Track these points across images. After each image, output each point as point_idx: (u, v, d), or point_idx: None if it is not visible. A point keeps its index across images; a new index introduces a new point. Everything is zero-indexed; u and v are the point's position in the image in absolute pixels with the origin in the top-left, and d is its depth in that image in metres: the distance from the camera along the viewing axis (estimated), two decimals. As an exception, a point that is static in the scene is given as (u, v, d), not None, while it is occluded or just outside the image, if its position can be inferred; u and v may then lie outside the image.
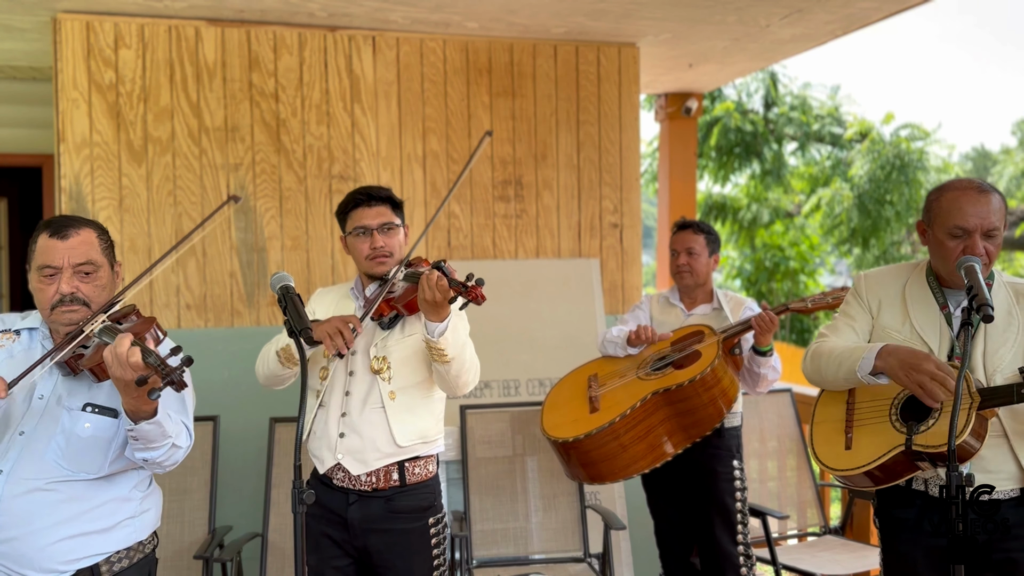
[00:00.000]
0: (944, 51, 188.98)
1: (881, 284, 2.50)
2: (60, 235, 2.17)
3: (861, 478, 2.33)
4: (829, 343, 2.50)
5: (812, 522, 4.21)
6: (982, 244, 2.28)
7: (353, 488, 2.60)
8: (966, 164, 24.17)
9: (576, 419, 3.26)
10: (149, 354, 1.92)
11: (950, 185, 2.36)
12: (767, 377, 3.38)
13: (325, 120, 4.21)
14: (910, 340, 2.37)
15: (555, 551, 3.76)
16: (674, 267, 3.57)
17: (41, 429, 2.14)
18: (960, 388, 2.07)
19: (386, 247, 2.66)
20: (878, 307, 2.48)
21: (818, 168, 13.36)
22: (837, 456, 2.40)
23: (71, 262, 2.16)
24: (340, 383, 2.65)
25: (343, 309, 2.74)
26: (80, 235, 2.19)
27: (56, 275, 2.16)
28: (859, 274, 2.56)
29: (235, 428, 3.91)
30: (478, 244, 4.41)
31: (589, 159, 4.57)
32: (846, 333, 2.51)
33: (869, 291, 2.50)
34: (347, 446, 2.59)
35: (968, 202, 2.30)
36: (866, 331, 2.49)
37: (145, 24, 3.98)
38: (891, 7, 4.06)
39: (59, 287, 2.15)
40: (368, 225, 2.66)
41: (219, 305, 4.08)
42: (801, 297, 3.36)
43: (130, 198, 3.99)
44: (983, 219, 2.28)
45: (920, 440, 2.23)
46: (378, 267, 2.66)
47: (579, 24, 4.25)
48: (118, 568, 2.20)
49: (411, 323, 2.66)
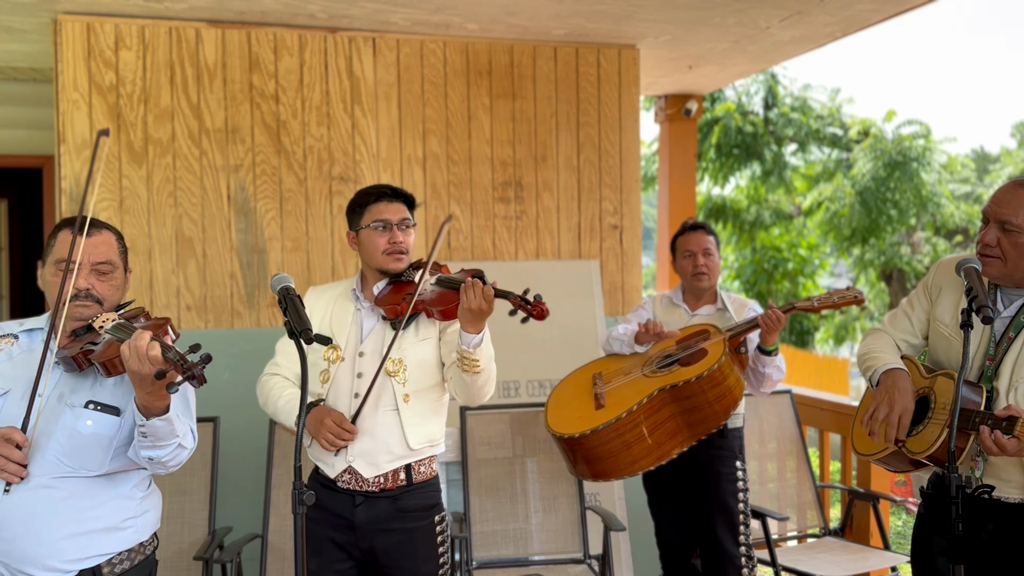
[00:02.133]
0: (944, 52, 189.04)
1: (949, 272, 2.40)
2: (81, 232, 2.19)
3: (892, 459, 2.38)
4: (873, 339, 2.50)
5: (812, 524, 4.22)
6: (995, 234, 2.22)
7: (360, 490, 2.59)
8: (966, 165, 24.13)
9: (581, 416, 3.26)
10: (168, 349, 1.95)
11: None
12: (771, 377, 3.38)
13: (325, 122, 4.21)
14: (953, 336, 2.33)
15: (555, 552, 3.76)
16: (691, 268, 3.52)
17: (42, 426, 2.14)
18: (959, 392, 2.08)
19: (404, 243, 2.65)
20: (938, 294, 2.42)
21: (820, 167, 13.37)
22: (860, 438, 2.46)
23: (91, 259, 2.19)
24: (347, 386, 2.63)
25: (340, 310, 2.70)
26: (102, 235, 2.23)
27: (73, 269, 2.16)
28: (941, 259, 2.49)
29: (235, 429, 3.91)
30: (478, 245, 4.42)
31: (589, 161, 4.57)
32: (902, 322, 2.50)
33: (936, 277, 2.44)
34: (359, 449, 2.58)
35: (1000, 190, 2.26)
36: (923, 321, 2.46)
37: (146, 25, 3.98)
38: (890, 9, 4.07)
39: (76, 282, 2.16)
40: (390, 219, 2.64)
41: (219, 306, 4.08)
42: (808, 296, 3.36)
43: (130, 199, 3.99)
44: (999, 207, 2.21)
45: (909, 443, 2.28)
46: (394, 263, 2.64)
47: (579, 26, 4.25)
48: (119, 570, 2.20)
49: (425, 326, 2.65)
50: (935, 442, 2.19)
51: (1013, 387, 2.21)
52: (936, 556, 2.33)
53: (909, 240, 13.35)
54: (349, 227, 2.73)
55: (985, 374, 2.26)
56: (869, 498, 4.05)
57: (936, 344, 2.41)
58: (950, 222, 12.73)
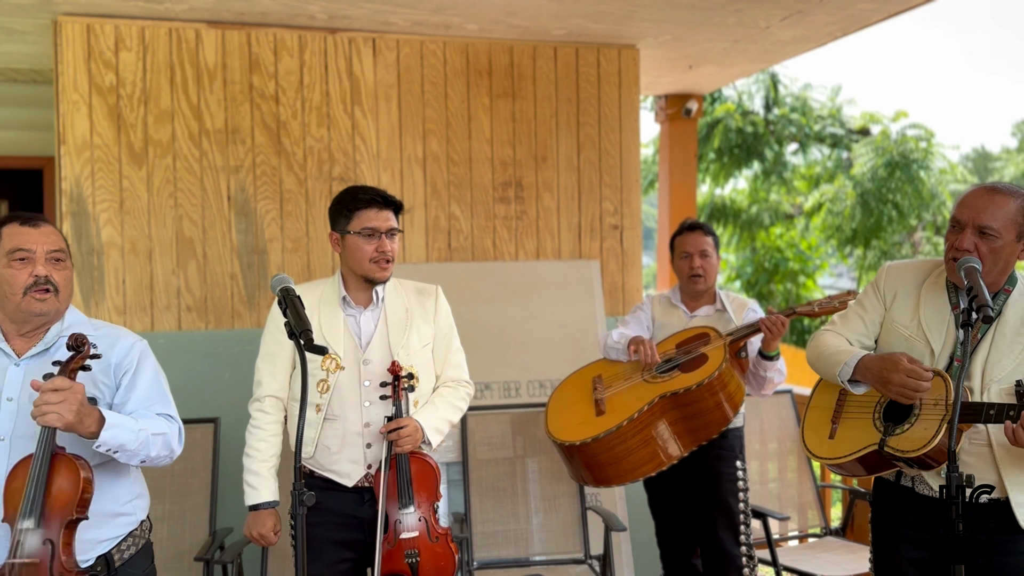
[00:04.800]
0: (944, 52, 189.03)
1: (902, 276, 2.46)
2: (31, 224, 2.22)
3: (851, 465, 2.37)
4: (829, 337, 2.51)
5: (813, 523, 4.21)
6: (972, 239, 2.24)
7: (368, 486, 2.64)
8: (966, 165, 24.15)
9: (582, 422, 3.25)
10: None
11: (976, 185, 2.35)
12: (773, 380, 3.37)
13: (325, 122, 4.21)
14: (915, 337, 2.35)
15: (556, 552, 3.76)
16: (687, 270, 3.49)
17: (21, 429, 2.15)
18: (960, 387, 2.07)
19: (391, 251, 2.63)
20: (893, 299, 2.45)
21: (820, 168, 13.36)
22: (820, 443, 2.46)
23: (45, 248, 2.20)
24: (353, 396, 2.63)
25: (329, 316, 2.66)
26: (49, 226, 2.25)
27: (29, 259, 2.18)
28: (885, 264, 2.53)
29: (236, 430, 3.89)
30: (478, 246, 4.42)
31: (589, 161, 4.57)
32: (855, 324, 2.51)
33: (888, 282, 2.48)
34: (375, 455, 2.63)
35: (972, 195, 2.28)
36: (876, 323, 2.48)
37: (145, 26, 3.98)
38: (891, 8, 4.07)
39: (35, 269, 2.17)
40: (378, 228, 2.61)
41: (220, 307, 4.08)
42: (808, 301, 3.35)
43: (131, 200, 3.99)
44: (977, 213, 2.24)
45: (892, 443, 2.26)
46: (380, 272, 2.63)
47: (579, 26, 4.25)
48: (127, 555, 2.27)
49: (423, 331, 2.70)
50: (932, 439, 2.17)
51: (985, 388, 2.23)
52: (907, 568, 2.34)
53: (910, 240, 13.34)
54: (332, 227, 2.70)
55: (953, 375, 2.25)
56: (868, 496, 4.04)
57: (892, 344, 2.41)
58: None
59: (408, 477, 2.59)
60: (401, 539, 2.57)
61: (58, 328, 2.24)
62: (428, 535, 2.60)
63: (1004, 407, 2.12)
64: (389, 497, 2.58)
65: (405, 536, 2.58)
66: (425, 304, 2.77)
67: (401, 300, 2.74)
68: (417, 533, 2.59)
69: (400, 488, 2.58)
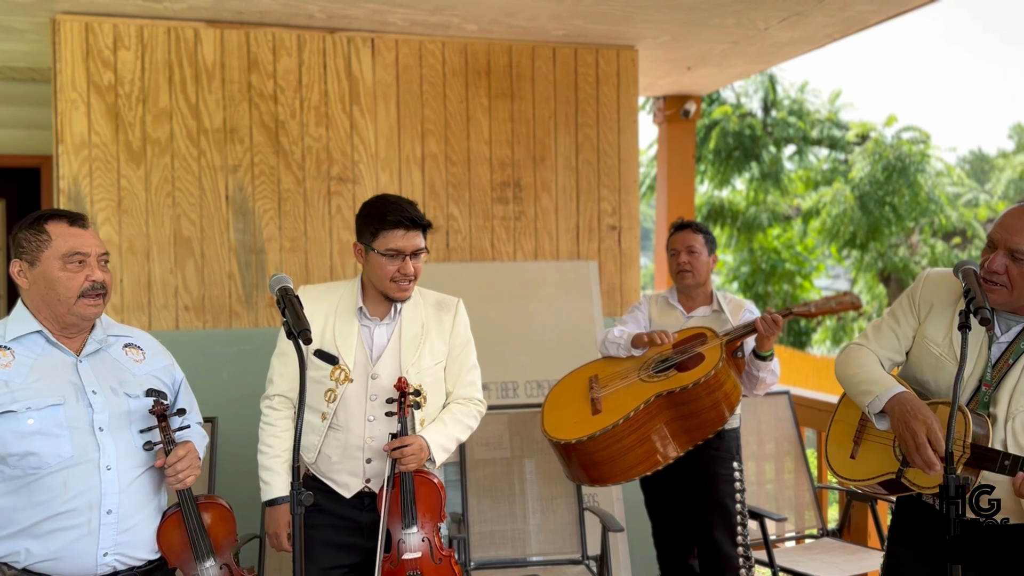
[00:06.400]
0: (941, 54, 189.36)
1: (939, 289, 2.32)
2: (81, 224, 2.20)
3: (871, 488, 2.33)
4: (863, 356, 2.38)
5: (810, 524, 4.21)
6: (1002, 262, 2.14)
7: (368, 491, 2.63)
8: (963, 167, 24.21)
9: (578, 420, 3.25)
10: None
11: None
12: (766, 380, 3.38)
13: (324, 122, 4.21)
14: (945, 357, 2.25)
15: (553, 553, 3.76)
16: (675, 267, 3.54)
17: (115, 419, 2.21)
18: (959, 390, 2.04)
19: (413, 272, 2.57)
20: (928, 312, 2.32)
21: (816, 172, 13.39)
22: (842, 462, 2.40)
23: (97, 251, 2.19)
24: (359, 409, 2.60)
25: (344, 325, 2.62)
26: (91, 226, 2.25)
27: (86, 262, 2.16)
28: (924, 272, 2.39)
29: (234, 429, 3.90)
30: (476, 246, 4.42)
31: (587, 161, 4.57)
32: (887, 338, 2.38)
33: (925, 294, 2.34)
34: (375, 470, 2.60)
35: (1008, 215, 2.18)
36: (908, 337, 2.36)
37: (144, 25, 3.98)
38: (889, 10, 4.07)
39: (92, 274, 2.16)
40: (403, 250, 2.54)
41: (217, 307, 4.08)
42: (805, 302, 3.35)
43: (128, 199, 3.99)
44: (1010, 234, 2.13)
45: (910, 475, 2.21)
46: (400, 292, 2.58)
47: (578, 27, 4.25)
48: None
49: (437, 348, 2.67)
50: None
51: (1011, 416, 2.15)
52: None
53: (907, 242, 13.37)
54: (358, 238, 2.62)
55: (981, 400, 2.18)
56: (867, 499, 4.04)
57: (921, 363, 2.32)
58: (947, 225, 12.76)
59: (412, 496, 2.55)
60: (404, 559, 2.54)
61: (100, 328, 2.27)
62: (431, 556, 2.57)
63: (1020, 460, 2.04)
64: (392, 516, 2.55)
65: (408, 557, 2.54)
66: (443, 319, 2.70)
67: (419, 314, 2.67)
68: (420, 554, 2.55)
69: (404, 507, 2.55)
